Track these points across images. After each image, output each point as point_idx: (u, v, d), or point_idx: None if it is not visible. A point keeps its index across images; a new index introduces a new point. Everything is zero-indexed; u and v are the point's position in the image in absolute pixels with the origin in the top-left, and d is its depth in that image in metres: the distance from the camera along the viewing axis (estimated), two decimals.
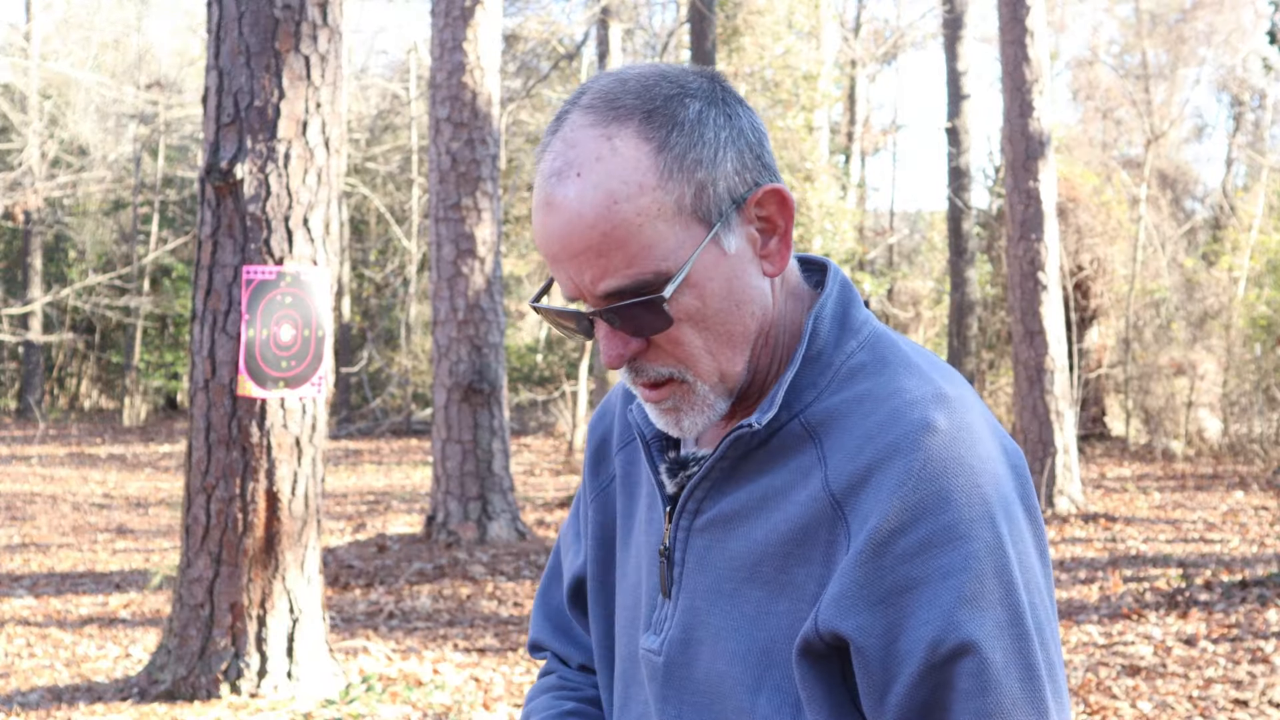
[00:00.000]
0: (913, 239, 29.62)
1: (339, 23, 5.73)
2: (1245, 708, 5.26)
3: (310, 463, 5.61)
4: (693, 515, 1.22)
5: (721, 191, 1.16)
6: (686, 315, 1.15)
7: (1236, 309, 16.64)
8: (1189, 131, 26.59)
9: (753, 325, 1.20)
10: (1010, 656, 1.06)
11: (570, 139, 1.15)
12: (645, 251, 1.13)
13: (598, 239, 1.12)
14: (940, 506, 1.08)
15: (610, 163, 1.13)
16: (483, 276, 9.62)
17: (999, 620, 1.06)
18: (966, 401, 1.16)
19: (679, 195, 1.14)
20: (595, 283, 1.14)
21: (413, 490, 14.15)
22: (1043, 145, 11.42)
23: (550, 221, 1.15)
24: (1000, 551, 1.08)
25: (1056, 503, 11.18)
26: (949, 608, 1.05)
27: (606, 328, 1.17)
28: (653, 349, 1.18)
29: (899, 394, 1.15)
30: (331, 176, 5.71)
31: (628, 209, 1.12)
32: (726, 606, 1.18)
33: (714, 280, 1.16)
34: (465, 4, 9.67)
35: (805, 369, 1.20)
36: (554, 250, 1.15)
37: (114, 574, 8.95)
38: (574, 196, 1.13)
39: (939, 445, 1.11)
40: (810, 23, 17.45)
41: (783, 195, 1.20)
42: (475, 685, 5.83)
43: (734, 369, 1.19)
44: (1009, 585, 1.07)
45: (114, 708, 5.41)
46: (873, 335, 1.22)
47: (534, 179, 1.21)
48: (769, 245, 1.20)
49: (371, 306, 25.86)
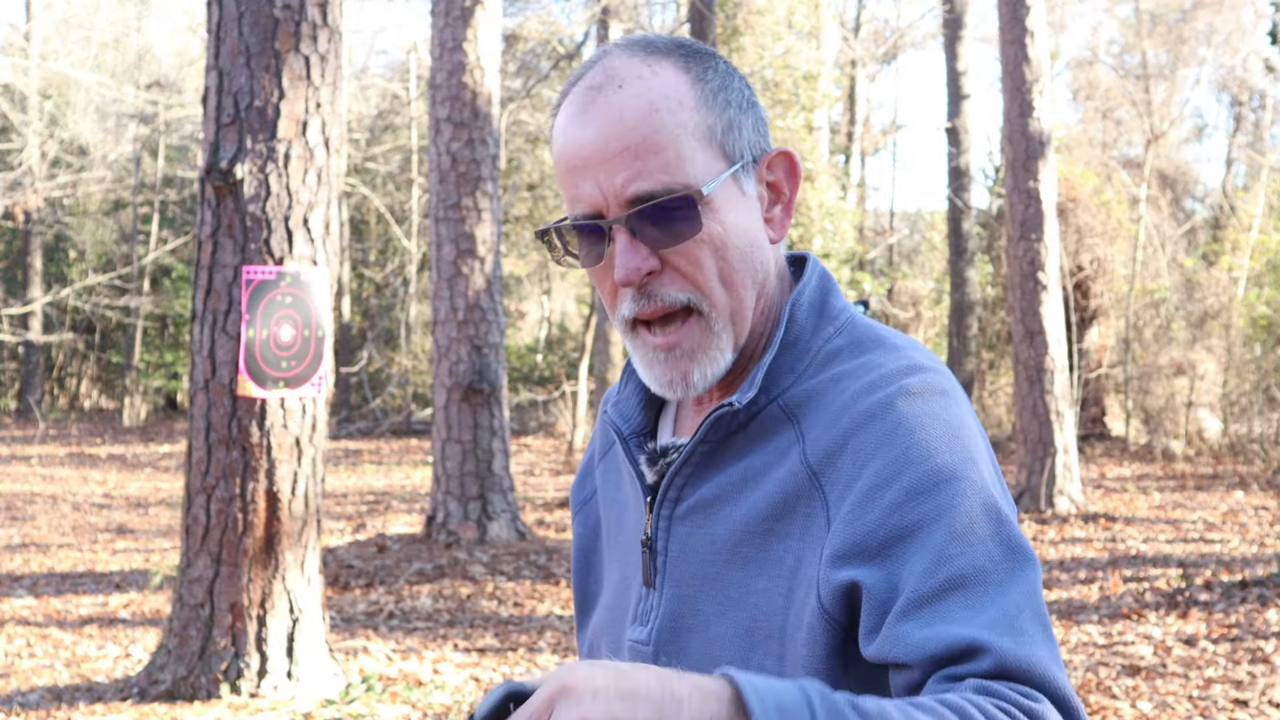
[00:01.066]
0: (913, 239, 29.62)
1: (339, 23, 5.73)
2: (1245, 707, 5.26)
3: (310, 463, 5.62)
4: (674, 503, 1.22)
5: (745, 137, 1.21)
6: (709, 236, 1.16)
7: (1236, 309, 16.64)
8: (1189, 132, 26.61)
9: (759, 277, 1.21)
10: (1007, 584, 1.04)
11: (609, 65, 1.19)
12: (679, 162, 1.15)
13: (636, 141, 1.14)
14: (922, 456, 1.08)
15: (651, 80, 1.17)
16: (483, 276, 9.62)
17: (991, 554, 1.04)
18: (942, 374, 1.17)
19: (711, 123, 1.18)
20: (627, 185, 1.14)
21: (413, 490, 14.15)
22: (1043, 145, 11.43)
23: (587, 127, 1.16)
24: (986, 490, 1.07)
25: (1056, 502, 11.18)
26: (942, 543, 1.03)
27: (626, 239, 1.16)
28: (667, 272, 1.17)
29: (875, 369, 1.16)
30: (331, 176, 5.71)
31: (667, 119, 1.15)
32: (711, 591, 1.18)
33: (733, 214, 1.18)
34: (465, 4, 9.67)
35: (783, 354, 1.20)
36: (585, 156, 1.16)
37: (114, 574, 8.95)
38: (615, 103, 1.16)
39: (914, 406, 1.11)
40: (810, 23, 17.45)
41: (793, 161, 1.24)
42: (475, 685, 5.83)
43: (743, 311, 1.20)
44: (998, 519, 1.06)
45: (114, 708, 5.41)
46: (850, 322, 1.23)
47: (558, 115, 1.21)
48: (773, 211, 1.24)
49: (371, 306, 25.86)
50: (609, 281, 1.20)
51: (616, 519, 1.35)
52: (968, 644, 0.97)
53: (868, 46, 24.86)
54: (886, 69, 29.06)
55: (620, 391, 1.35)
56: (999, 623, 0.99)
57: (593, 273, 1.22)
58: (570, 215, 1.20)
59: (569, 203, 1.20)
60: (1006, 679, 0.97)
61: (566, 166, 1.17)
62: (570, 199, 1.19)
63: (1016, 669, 0.97)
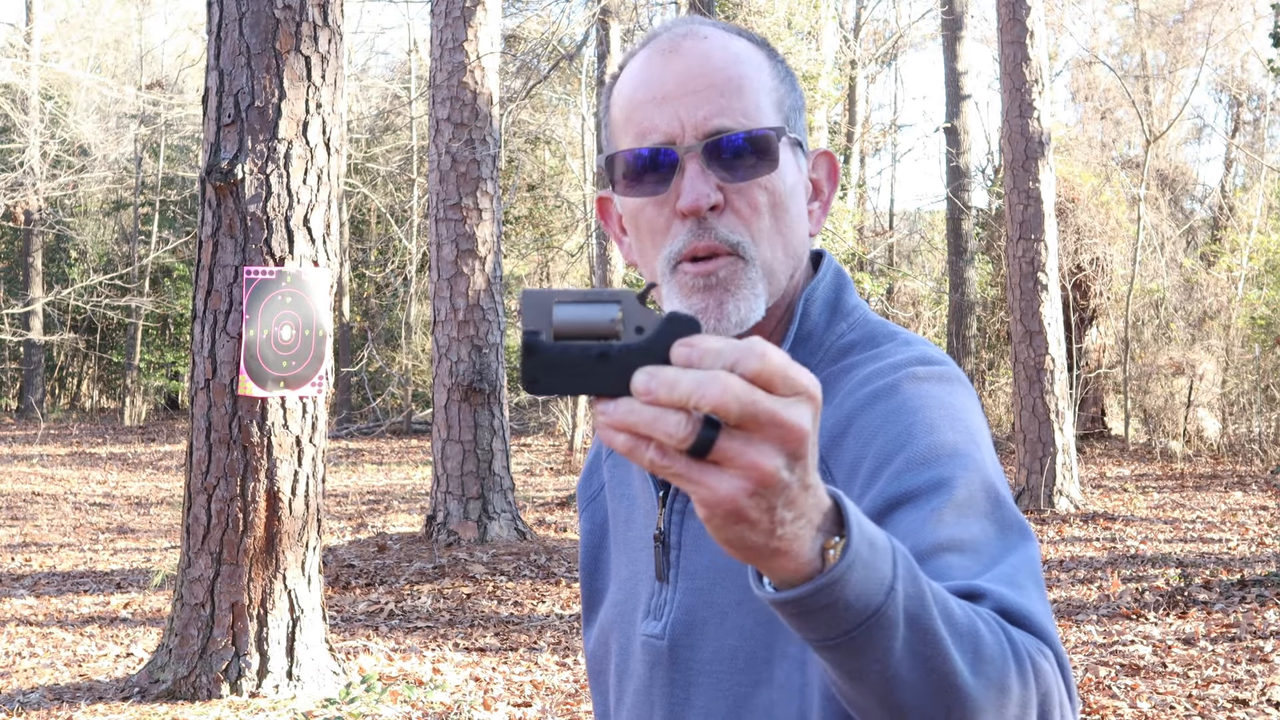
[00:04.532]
0: (912, 239, 29.62)
1: (339, 23, 5.74)
2: (1244, 707, 5.27)
3: (311, 462, 5.63)
4: (686, 497, 1.22)
5: (801, 125, 1.25)
6: (773, 185, 1.18)
7: (1235, 309, 16.65)
8: (1188, 132, 26.59)
9: (797, 254, 1.22)
10: (1005, 553, 1.03)
11: (690, 24, 1.22)
12: (757, 110, 1.18)
13: (722, 80, 1.17)
14: (925, 431, 1.08)
15: (734, 41, 1.21)
16: (483, 276, 9.63)
17: (987, 528, 1.03)
18: (950, 365, 1.17)
19: (781, 96, 1.22)
20: (710, 118, 1.16)
21: (413, 490, 14.16)
22: (1042, 145, 11.44)
23: (670, 65, 1.18)
24: (986, 470, 1.07)
25: (1056, 502, 11.19)
26: (941, 508, 1.02)
27: (699, 167, 1.16)
28: (727, 212, 1.17)
29: (883, 358, 1.17)
30: (332, 176, 5.72)
31: (752, 70, 1.19)
32: (727, 582, 1.18)
33: (791, 177, 1.21)
34: (465, 4, 9.68)
35: (796, 348, 1.21)
36: (669, 88, 1.17)
37: (115, 573, 8.96)
38: (702, 48, 1.19)
39: (920, 388, 1.12)
40: (810, 23, 17.46)
41: (834, 163, 1.27)
42: (475, 685, 5.84)
43: (780, 274, 1.20)
44: (996, 500, 1.05)
45: (115, 707, 5.42)
46: (863, 319, 1.24)
47: (630, 63, 1.22)
48: (811, 205, 1.26)
49: (372, 306, 25.86)
50: (663, 217, 1.19)
51: (625, 514, 1.35)
52: (967, 589, 0.96)
53: (867, 47, 24.87)
54: (886, 69, 29.06)
55: None
56: (998, 576, 0.98)
57: (646, 209, 1.20)
58: (635, 150, 1.19)
59: (635, 138, 1.19)
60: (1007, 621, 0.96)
61: (640, 102, 1.18)
62: (638, 133, 1.18)
63: (1016, 613, 0.95)
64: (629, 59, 1.23)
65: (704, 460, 0.76)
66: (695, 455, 0.75)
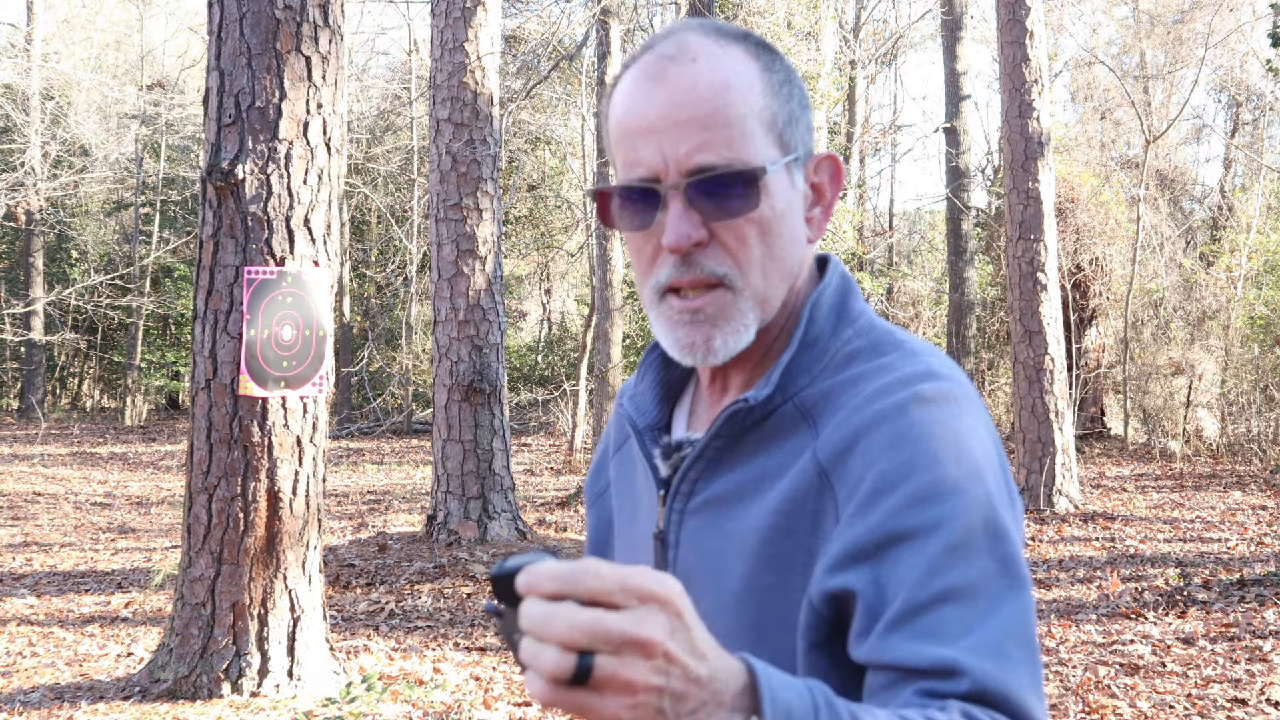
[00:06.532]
0: (912, 239, 29.64)
1: (340, 23, 5.75)
2: (1244, 706, 5.28)
3: (311, 462, 5.64)
4: (686, 497, 1.23)
5: (800, 132, 1.23)
6: (760, 218, 1.18)
7: (1235, 309, 16.66)
8: (1187, 132, 26.61)
9: (794, 270, 1.23)
10: (998, 604, 1.04)
11: (682, 39, 1.20)
12: (744, 141, 1.17)
13: (707, 112, 1.16)
14: (929, 464, 1.08)
15: (724, 59, 1.19)
16: (483, 276, 9.64)
17: (985, 569, 1.04)
18: (958, 381, 1.17)
19: (775, 111, 1.20)
20: (691, 155, 1.15)
21: (413, 490, 14.17)
22: (1042, 145, 11.45)
23: (656, 93, 1.17)
24: (989, 506, 1.07)
25: (1055, 502, 11.19)
26: (937, 553, 1.03)
27: (681, 206, 1.17)
28: (713, 246, 1.18)
29: (891, 371, 1.16)
30: (332, 177, 5.73)
31: (738, 98, 1.17)
32: (715, 587, 1.19)
33: (783, 202, 1.20)
34: (465, 4, 9.69)
35: (801, 354, 1.21)
36: (652, 119, 1.17)
37: (116, 573, 8.97)
38: (689, 74, 1.17)
39: (927, 413, 1.11)
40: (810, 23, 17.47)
41: (838, 166, 1.27)
42: (476, 684, 5.85)
43: (774, 298, 1.21)
44: (998, 535, 1.06)
45: (116, 707, 5.43)
46: (869, 325, 1.24)
47: (622, 80, 1.22)
48: (813, 211, 1.26)
49: (372, 306, 25.88)
50: (650, 247, 1.21)
51: (629, 512, 1.36)
52: (949, 665, 0.98)
53: (867, 47, 24.87)
54: (886, 69, 29.07)
55: (637, 385, 1.36)
56: (985, 644, 0.99)
57: (634, 238, 1.22)
58: (623, 179, 1.20)
59: (624, 167, 1.20)
60: (984, 704, 0.97)
61: (628, 129, 1.18)
62: (626, 163, 1.20)
63: (995, 695, 0.96)
64: (626, 69, 1.23)
65: (588, 687, 0.81)
66: (579, 683, 0.80)
